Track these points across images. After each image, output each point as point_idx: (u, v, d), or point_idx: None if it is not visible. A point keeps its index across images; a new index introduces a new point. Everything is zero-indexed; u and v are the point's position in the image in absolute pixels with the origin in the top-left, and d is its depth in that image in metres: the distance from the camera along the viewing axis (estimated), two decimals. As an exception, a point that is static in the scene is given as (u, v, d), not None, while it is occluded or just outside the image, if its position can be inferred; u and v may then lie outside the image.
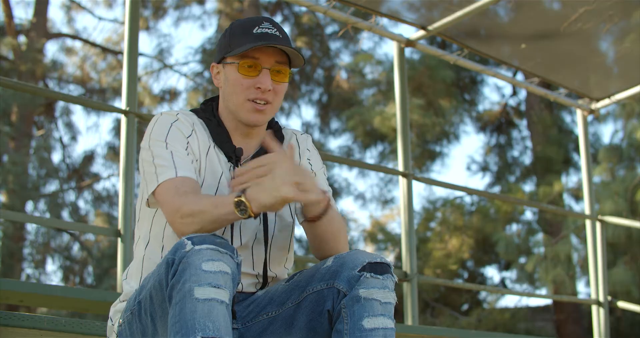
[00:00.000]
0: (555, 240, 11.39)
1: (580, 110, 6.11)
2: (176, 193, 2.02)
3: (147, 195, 2.11)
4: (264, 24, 2.15)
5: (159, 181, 2.06)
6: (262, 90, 2.13)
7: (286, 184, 1.86)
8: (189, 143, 2.13)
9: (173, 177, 2.05)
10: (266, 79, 2.13)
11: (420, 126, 12.41)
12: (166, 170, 2.06)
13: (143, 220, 2.19)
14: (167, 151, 2.09)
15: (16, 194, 11.43)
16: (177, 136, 2.13)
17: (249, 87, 2.14)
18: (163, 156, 2.09)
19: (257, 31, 2.13)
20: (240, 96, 2.15)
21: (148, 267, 2.13)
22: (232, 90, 2.16)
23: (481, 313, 12.44)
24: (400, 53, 5.08)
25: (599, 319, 5.69)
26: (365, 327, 1.92)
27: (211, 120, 2.20)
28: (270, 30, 2.14)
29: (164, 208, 2.03)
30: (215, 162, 2.16)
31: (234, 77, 2.15)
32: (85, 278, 12.96)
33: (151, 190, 2.07)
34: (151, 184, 2.08)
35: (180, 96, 14.60)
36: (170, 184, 2.04)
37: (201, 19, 14.83)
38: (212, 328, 1.78)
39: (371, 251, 7.82)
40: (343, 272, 1.97)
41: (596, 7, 4.96)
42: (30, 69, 12.46)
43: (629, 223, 6.43)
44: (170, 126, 2.13)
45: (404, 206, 4.79)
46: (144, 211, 2.18)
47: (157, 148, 2.10)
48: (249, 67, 2.13)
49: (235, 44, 2.14)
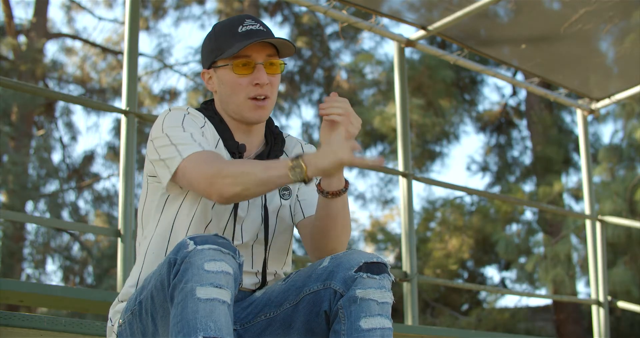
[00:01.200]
0: (555, 240, 11.39)
1: (580, 110, 6.11)
2: (210, 160, 1.99)
3: (165, 179, 2.06)
4: (247, 22, 2.18)
5: (184, 155, 2.02)
6: (261, 85, 2.15)
7: (343, 148, 1.86)
8: (204, 133, 2.13)
9: (199, 150, 2.03)
10: (262, 73, 2.15)
11: (420, 126, 12.41)
12: (189, 146, 2.04)
13: (147, 218, 2.18)
14: (185, 133, 2.07)
15: (16, 194, 11.43)
16: (192, 123, 2.12)
17: (247, 85, 2.15)
18: (183, 136, 2.07)
19: (242, 30, 2.16)
20: (240, 96, 2.16)
21: (152, 262, 2.11)
22: (230, 91, 2.17)
23: (481, 313, 12.44)
24: (400, 53, 5.08)
25: (599, 319, 5.69)
26: (363, 327, 1.92)
27: (214, 118, 2.21)
28: (254, 26, 2.17)
29: (196, 175, 1.99)
30: (224, 156, 2.16)
31: (229, 78, 2.17)
32: (85, 278, 12.96)
33: (175, 167, 2.03)
34: (174, 161, 2.04)
35: (180, 96, 14.60)
36: (199, 156, 2.01)
37: (201, 19, 14.84)
38: (213, 328, 1.78)
39: (371, 251, 7.82)
40: (339, 272, 1.96)
41: (596, 8, 4.96)
42: (30, 69, 12.46)
43: (629, 223, 6.44)
44: (183, 116, 2.13)
45: (404, 206, 4.79)
46: (147, 210, 2.17)
47: (174, 131, 2.08)
48: (243, 65, 2.15)
49: (224, 46, 2.16)
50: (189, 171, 2.01)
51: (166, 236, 2.12)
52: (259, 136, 2.24)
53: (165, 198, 2.14)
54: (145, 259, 2.14)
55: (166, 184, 2.08)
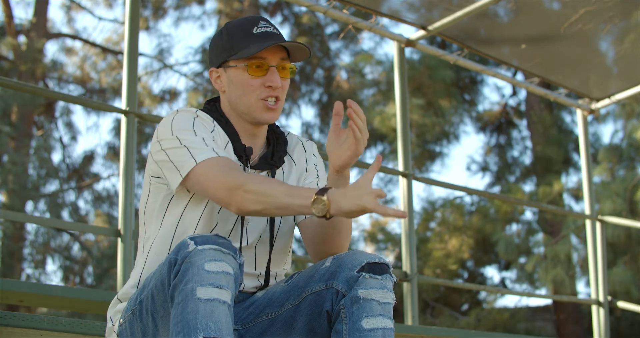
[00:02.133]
0: (555, 240, 11.39)
1: (580, 110, 6.11)
2: (229, 169, 1.97)
3: (175, 182, 2.04)
4: (261, 23, 2.17)
5: (198, 160, 2.01)
6: (274, 87, 2.14)
7: (368, 194, 1.82)
8: (214, 139, 2.11)
9: (215, 156, 2.01)
10: (276, 76, 2.14)
11: (420, 126, 12.41)
12: (203, 151, 2.02)
13: (150, 219, 2.16)
14: (197, 137, 2.06)
15: (16, 194, 11.42)
16: (203, 128, 2.10)
17: (260, 86, 2.14)
18: (195, 140, 2.05)
19: (257, 31, 2.15)
20: (251, 97, 2.15)
21: (154, 264, 2.10)
22: (241, 92, 2.16)
23: (481, 313, 12.43)
24: (400, 53, 5.08)
25: (599, 319, 5.69)
26: (364, 327, 1.92)
27: (220, 120, 2.20)
28: (268, 28, 2.16)
29: (215, 184, 1.97)
30: (233, 159, 2.16)
31: (241, 78, 2.16)
32: (85, 278, 12.95)
33: (187, 171, 2.01)
34: (186, 165, 2.02)
35: (180, 96, 14.60)
36: (216, 162, 1.99)
37: (201, 19, 14.84)
38: (214, 329, 1.78)
39: (371, 251, 7.82)
40: (341, 273, 1.97)
41: (596, 8, 4.96)
42: (30, 69, 12.46)
43: (629, 223, 6.43)
44: (194, 119, 2.12)
45: (404, 206, 4.80)
46: (150, 211, 2.16)
47: (185, 136, 2.06)
48: (257, 67, 2.14)
49: (239, 46, 2.15)
50: (205, 178, 1.99)
51: (170, 238, 2.11)
52: (263, 137, 2.24)
53: (169, 199, 2.13)
54: (147, 260, 2.13)
55: (175, 188, 2.06)
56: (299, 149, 2.30)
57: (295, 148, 2.29)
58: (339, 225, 2.08)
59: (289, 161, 2.26)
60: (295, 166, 2.27)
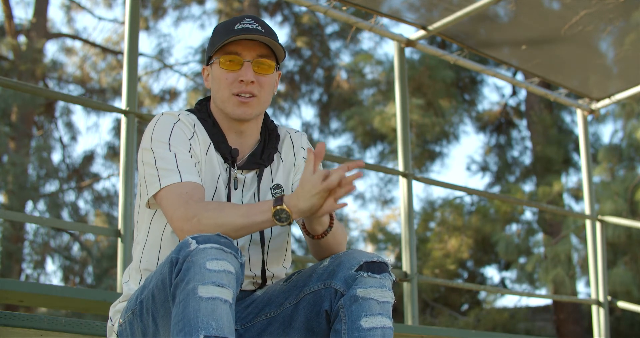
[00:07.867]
0: (555, 240, 11.39)
1: (580, 110, 6.11)
2: (187, 199, 2.01)
3: (146, 197, 2.10)
4: (246, 20, 2.17)
5: (162, 184, 2.05)
6: (245, 82, 2.14)
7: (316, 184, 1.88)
8: (192, 145, 2.13)
9: (178, 182, 2.05)
10: (247, 71, 2.14)
11: (420, 126, 12.41)
12: (170, 174, 2.06)
13: (141, 222, 2.19)
14: (170, 153, 2.09)
15: (16, 195, 11.42)
16: (180, 137, 2.12)
17: (233, 81, 2.15)
18: (166, 158, 2.08)
19: (238, 27, 2.15)
20: (225, 91, 2.16)
21: (146, 269, 2.13)
22: (217, 87, 2.18)
23: (481, 313, 12.43)
24: (400, 53, 5.08)
25: (599, 319, 5.69)
26: (363, 326, 1.92)
27: (207, 121, 2.20)
28: (251, 25, 2.16)
29: (170, 212, 2.02)
30: (215, 162, 2.16)
31: (218, 73, 2.18)
32: (85, 278, 12.95)
33: (152, 193, 2.07)
34: (153, 187, 2.07)
35: (180, 96, 14.61)
36: (177, 190, 2.03)
37: (201, 19, 14.84)
38: (215, 327, 1.78)
39: (371, 251, 7.82)
40: (340, 272, 1.97)
41: (597, 10, 4.96)
42: (30, 69, 12.45)
43: (629, 223, 6.43)
44: (172, 127, 2.13)
45: (404, 206, 4.79)
46: (142, 213, 2.18)
47: (160, 150, 2.09)
48: (230, 61, 2.15)
49: (217, 42, 2.17)
50: (165, 204, 2.04)
51: (157, 248, 2.14)
52: (253, 135, 2.23)
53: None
54: (141, 263, 2.16)
55: (147, 201, 2.11)
56: (287, 143, 2.29)
57: (283, 142, 2.29)
58: (331, 240, 2.09)
59: (277, 158, 2.26)
60: (283, 163, 2.26)
